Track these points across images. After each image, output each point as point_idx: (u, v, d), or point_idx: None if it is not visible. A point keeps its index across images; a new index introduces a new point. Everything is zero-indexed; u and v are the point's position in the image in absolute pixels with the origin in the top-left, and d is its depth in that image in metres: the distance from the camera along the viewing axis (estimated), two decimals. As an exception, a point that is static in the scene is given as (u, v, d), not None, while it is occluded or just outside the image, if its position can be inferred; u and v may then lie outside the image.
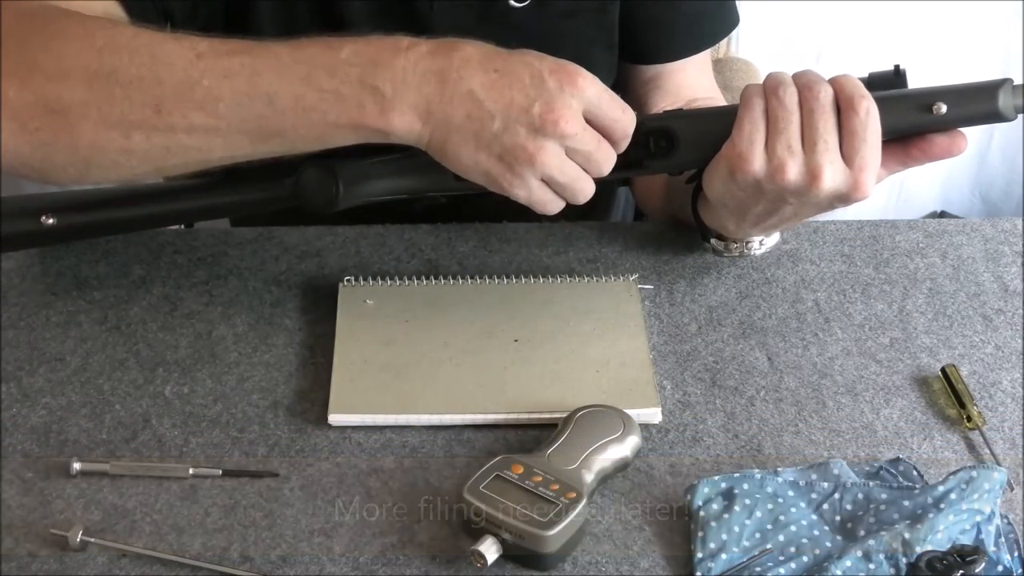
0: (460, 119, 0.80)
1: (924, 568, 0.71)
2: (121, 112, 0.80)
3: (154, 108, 0.80)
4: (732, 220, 0.93)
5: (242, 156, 0.83)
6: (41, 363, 0.91)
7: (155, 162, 0.83)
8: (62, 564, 0.77)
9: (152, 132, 0.81)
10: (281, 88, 0.80)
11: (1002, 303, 1.00)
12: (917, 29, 1.88)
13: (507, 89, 0.79)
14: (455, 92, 0.79)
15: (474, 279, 0.98)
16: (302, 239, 1.04)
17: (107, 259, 1.01)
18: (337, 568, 0.77)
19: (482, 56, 0.80)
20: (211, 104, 0.80)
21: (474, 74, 0.79)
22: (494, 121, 0.79)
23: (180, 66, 0.80)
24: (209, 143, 0.82)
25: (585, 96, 0.80)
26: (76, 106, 0.80)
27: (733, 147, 0.84)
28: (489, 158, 0.81)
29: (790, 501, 0.80)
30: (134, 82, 0.80)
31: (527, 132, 0.79)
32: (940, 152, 0.85)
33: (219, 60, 0.80)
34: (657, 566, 0.78)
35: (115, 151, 0.82)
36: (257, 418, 0.87)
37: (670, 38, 1.11)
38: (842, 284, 1.01)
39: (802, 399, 0.90)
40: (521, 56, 0.81)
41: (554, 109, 0.79)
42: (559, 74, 0.80)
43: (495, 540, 0.76)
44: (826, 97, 0.82)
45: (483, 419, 0.87)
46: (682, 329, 0.96)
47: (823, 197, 0.83)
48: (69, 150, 0.82)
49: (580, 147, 0.81)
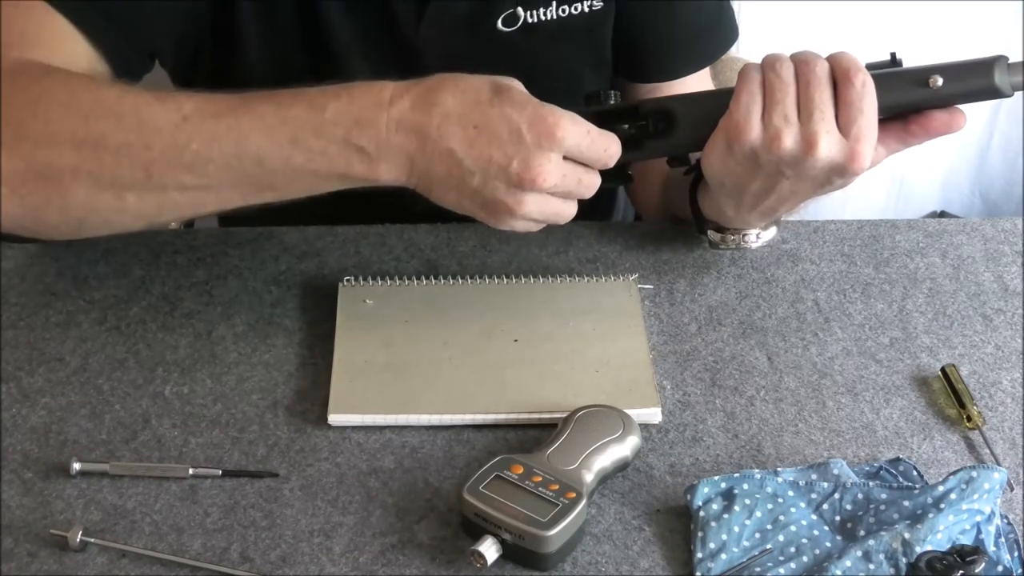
0: (441, 175, 0.82)
1: (924, 568, 0.71)
2: (112, 176, 0.81)
3: (144, 172, 0.81)
4: (731, 203, 0.93)
5: (234, 206, 0.85)
6: (41, 363, 0.91)
7: (149, 218, 0.85)
8: (62, 564, 0.77)
9: (144, 192, 0.82)
10: (269, 150, 0.81)
11: (1002, 303, 1.00)
12: (917, 29, 1.88)
13: (485, 147, 0.81)
14: (435, 150, 0.81)
15: (474, 279, 0.98)
16: (302, 239, 1.04)
17: (107, 259, 1.01)
18: (337, 568, 0.77)
19: (462, 110, 0.81)
20: (200, 166, 0.81)
21: (453, 132, 0.81)
22: (474, 177, 0.81)
23: (167, 131, 0.81)
24: (201, 199, 0.84)
25: (565, 145, 0.82)
26: (67, 171, 0.81)
27: (730, 118, 0.85)
28: (472, 205, 0.84)
29: (790, 501, 0.80)
30: (123, 148, 0.81)
31: (506, 188, 0.82)
32: (939, 128, 0.85)
33: (205, 123, 0.81)
34: (657, 566, 0.78)
35: (108, 211, 0.83)
36: (257, 418, 0.87)
37: (669, 58, 1.11)
38: (842, 284, 1.01)
39: (802, 399, 0.90)
40: (501, 108, 0.81)
41: (531, 168, 0.81)
42: (538, 128, 0.81)
43: (495, 540, 0.76)
44: (822, 70, 0.83)
45: (483, 419, 0.87)
46: (682, 329, 0.96)
47: (820, 167, 0.84)
48: (61, 212, 0.83)
49: (561, 191, 0.84)
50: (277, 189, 0.83)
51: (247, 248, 1.03)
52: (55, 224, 0.85)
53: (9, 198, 0.81)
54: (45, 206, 0.83)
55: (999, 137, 2.05)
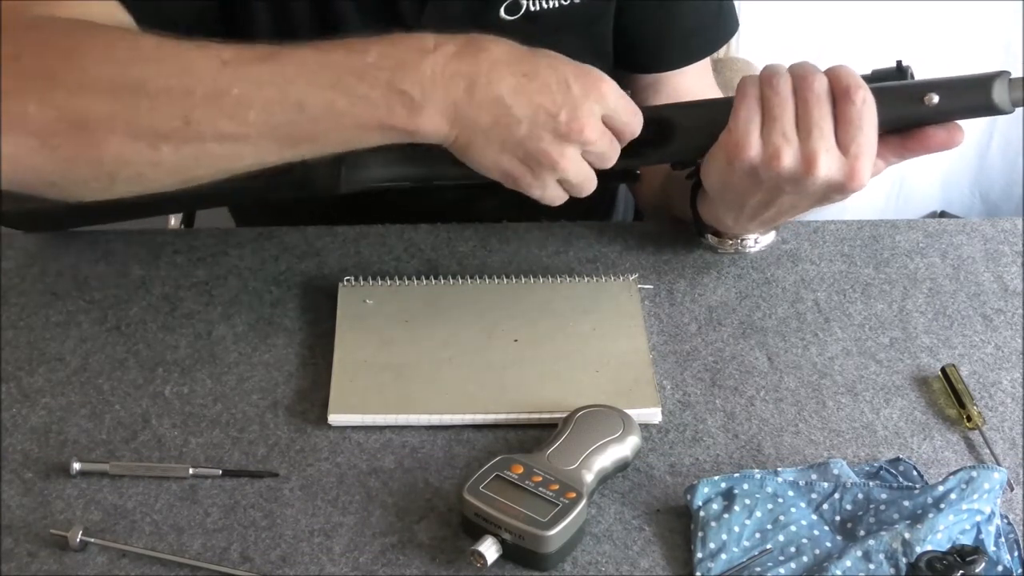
0: (487, 123, 0.80)
1: (924, 568, 0.71)
2: (149, 124, 0.78)
3: (183, 119, 0.78)
4: (730, 214, 0.93)
5: (270, 162, 0.82)
6: (41, 363, 0.91)
7: (183, 173, 0.81)
8: (62, 564, 0.77)
9: (181, 143, 0.79)
10: (311, 95, 0.79)
11: (1002, 303, 1.00)
12: (917, 28, 1.88)
13: (535, 94, 0.80)
14: (484, 97, 0.80)
15: (474, 279, 0.98)
16: (302, 239, 1.04)
17: (107, 259, 1.01)
18: (337, 568, 0.77)
19: (510, 58, 0.80)
20: (241, 113, 0.78)
21: (503, 77, 0.80)
22: (521, 126, 0.80)
23: (208, 75, 0.78)
24: (238, 151, 0.80)
25: (606, 102, 0.82)
26: (102, 120, 0.77)
27: (729, 135, 0.85)
28: (511, 160, 0.82)
29: (790, 501, 0.80)
30: (162, 94, 0.78)
31: (552, 138, 0.81)
32: (937, 144, 0.85)
33: (247, 68, 0.78)
34: (657, 566, 0.78)
35: (142, 163, 0.80)
36: (257, 418, 0.87)
37: (668, 48, 1.11)
38: (842, 284, 1.01)
39: (802, 399, 0.90)
40: (547, 59, 0.82)
41: (579, 117, 0.81)
42: (584, 80, 0.81)
43: (495, 540, 0.76)
44: (820, 86, 0.83)
45: (483, 419, 0.87)
46: (682, 329, 0.96)
47: (819, 185, 0.84)
48: (93, 165, 0.79)
49: (596, 150, 0.83)
50: (316, 140, 0.81)
51: (247, 248, 1.03)
52: (85, 179, 0.81)
53: (39, 150, 0.77)
54: (76, 158, 0.79)
55: (999, 137, 2.05)
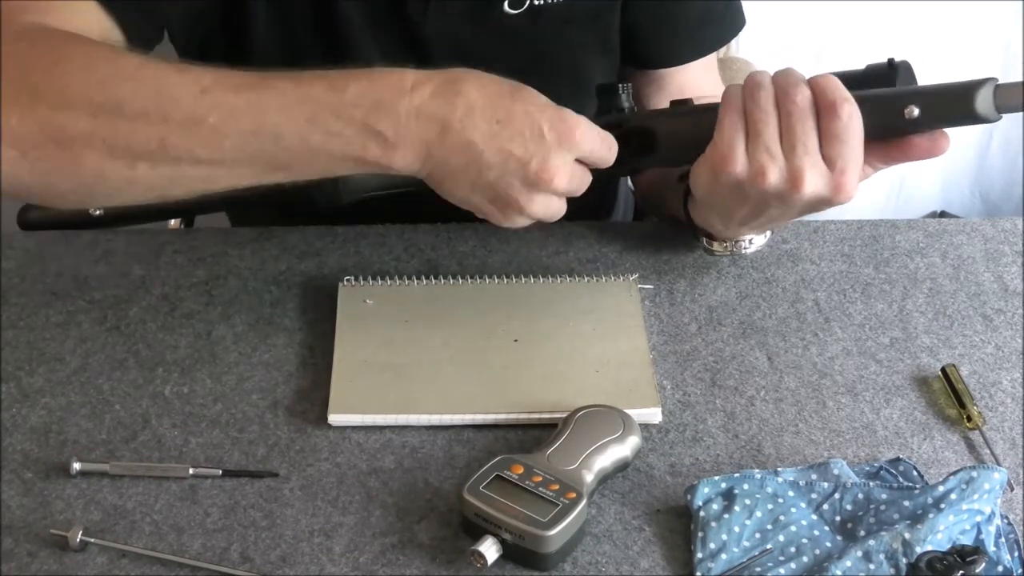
0: (458, 165, 0.81)
1: (924, 568, 0.71)
2: (127, 144, 0.79)
3: (159, 142, 0.79)
4: (719, 221, 0.93)
5: (246, 184, 0.83)
6: (41, 363, 0.91)
7: (159, 190, 0.83)
8: (62, 564, 0.77)
9: (157, 163, 0.80)
10: (287, 128, 0.79)
11: (1002, 303, 1.00)
12: (917, 28, 1.88)
13: (507, 142, 0.80)
14: (456, 141, 0.80)
15: (474, 279, 0.98)
16: (302, 239, 1.04)
17: (107, 259, 1.01)
18: (337, 568, 0.77)
19: (486, 103, 0.81)
20: (217, 140, 0.79)
21: (477, 124, 0.80)
22: (491, 172, 0.81)
23: (186, 101, 0.79)
24: (213, 174, 0.82)
25: (580, 148, 0.83)
26: (81, 137, 0.79)
27: (715, 149, 0.84)
28: (481, 200, 0.83)
29: (790, 501, 0.80)
30: (139, 116, 0.79)
31: (521, 185, 0.82)
32: (920, 154, 0.84)
33: (224, 96, 0.79)
34: (657, 566, 0.78)
35: (119, 180, 0.81)
36: (257, 418, 0.87)
37: (674, 44, 1.11)
38: (842, 284, 1.01)
39: (802, 399, 0.90)
40: (524, 104, 0.82)
41: (549, 168, 0.81)
42: (559, 128, 0.81)
43: (495, 540, 0.76)
44: (803, 100, 0.82)
45: (483, 419, 0.87)
46: (682, 329, 0.96)
47: (805, 201, 0.83)
48: (71, 178, 0.81)
49: (567, 189, 0.84)
50: (291, 169, 0.82)
51: (247, 248, 1.03)
52: (63, 192, 0.83)
53: (19, 162, 0.79)
54: (55, 172, 0.80)
55: (999, 137, 2.05)
